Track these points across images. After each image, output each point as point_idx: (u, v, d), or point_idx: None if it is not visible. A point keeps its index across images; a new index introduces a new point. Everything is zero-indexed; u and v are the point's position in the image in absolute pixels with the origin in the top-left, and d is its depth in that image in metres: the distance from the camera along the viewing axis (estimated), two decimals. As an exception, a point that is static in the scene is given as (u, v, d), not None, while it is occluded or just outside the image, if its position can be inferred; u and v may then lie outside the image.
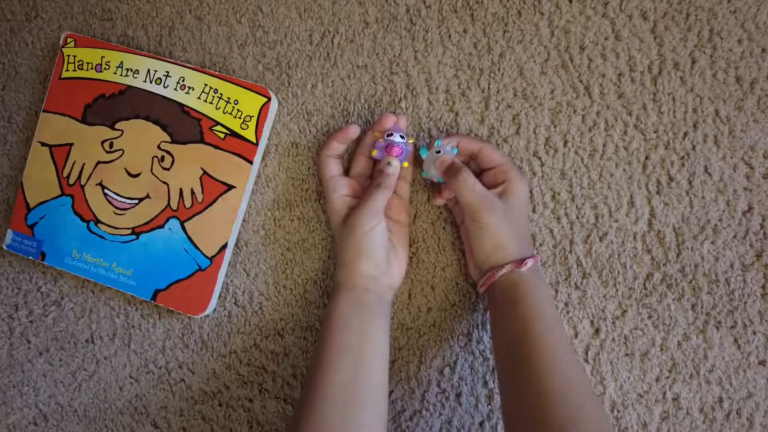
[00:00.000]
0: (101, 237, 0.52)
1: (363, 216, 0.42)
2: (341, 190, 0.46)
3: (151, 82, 0.51)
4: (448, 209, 0.50)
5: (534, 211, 0.49)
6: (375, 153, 0.45)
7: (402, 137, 0.44)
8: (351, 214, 0.44)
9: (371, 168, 0.48)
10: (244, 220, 0.53)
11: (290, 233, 0.52)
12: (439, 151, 0.44)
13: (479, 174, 0.46)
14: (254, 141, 0.50)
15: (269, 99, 0.50)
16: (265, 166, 0.52)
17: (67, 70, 0.53)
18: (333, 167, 0.47)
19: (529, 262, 0.41)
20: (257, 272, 0.52)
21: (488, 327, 0.49)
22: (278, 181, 0.52)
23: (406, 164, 0.46)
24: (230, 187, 0.50)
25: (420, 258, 0.50)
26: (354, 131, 0.46)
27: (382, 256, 0.43)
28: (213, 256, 0.50)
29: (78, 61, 0.53)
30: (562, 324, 0.41)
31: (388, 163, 0.44)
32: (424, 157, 0.46)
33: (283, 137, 0.52)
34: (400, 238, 0.46)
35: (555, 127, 0.49)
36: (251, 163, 0.50)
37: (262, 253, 0.52)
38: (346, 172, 0.49)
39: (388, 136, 0.44)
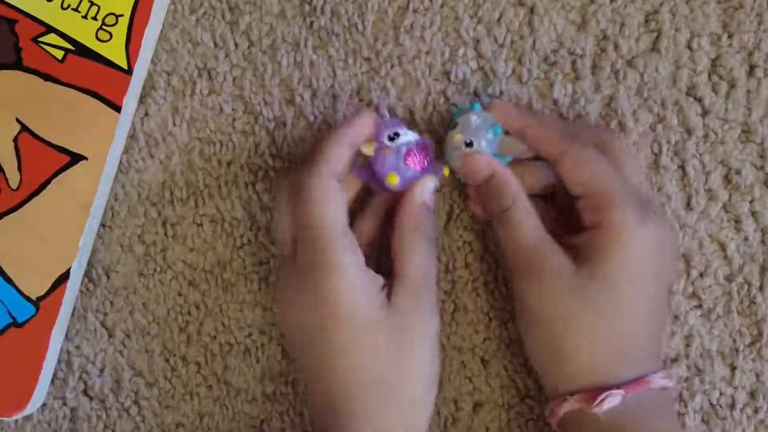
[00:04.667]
0: None
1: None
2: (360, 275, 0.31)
3: None
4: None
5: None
6: (395, 181, 0.32)
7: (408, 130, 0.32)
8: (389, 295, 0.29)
9: (379, 227, 0.32)
10: (105, 225, 0.34)
11: (196, 249, 0.32)
12: (471, 120, 0.31)
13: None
14: (124, 65, 0.33)
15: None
16: (147, 115, 0.34)
17: None
18: (333, 212, 0.30)
19: (616, 396, 0.25)
20: (131, 327, 0.33)
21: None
22: (174, 146, 0.33)
23: (447, 171, 0.33)
24: (77, 158, 0.34)
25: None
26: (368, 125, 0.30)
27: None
28: (41, 298, 0.33)
29: None
30: None
31: (422, 191, 0.30)
32: (457, 118, 0.32)
33: (184, 58, 0.34)
34: None
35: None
36: (118, 110, 0.33)
37: (140, 287, 0.33)
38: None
39: (390, 139, 0.32)
